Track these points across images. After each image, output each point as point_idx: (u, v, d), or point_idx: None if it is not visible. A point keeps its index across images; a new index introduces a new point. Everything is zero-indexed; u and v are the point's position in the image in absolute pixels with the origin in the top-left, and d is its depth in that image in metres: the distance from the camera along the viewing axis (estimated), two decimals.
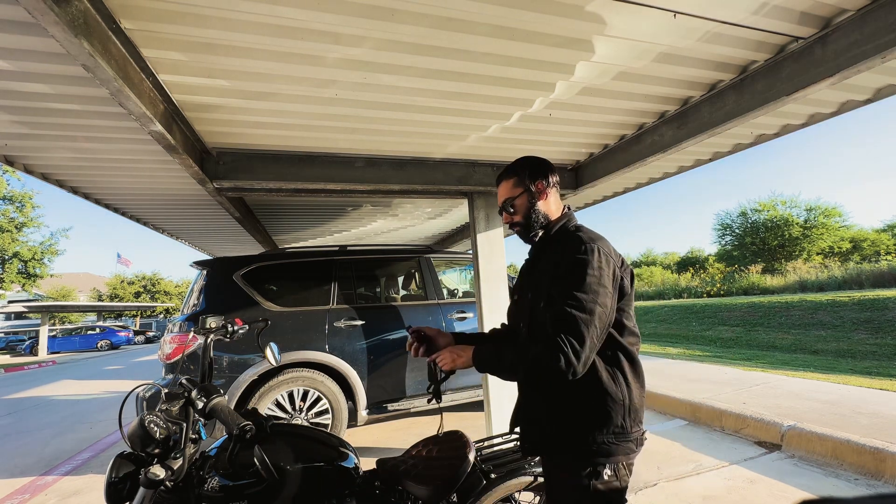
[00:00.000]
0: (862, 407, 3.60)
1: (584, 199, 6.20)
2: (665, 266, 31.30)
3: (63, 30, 1.58)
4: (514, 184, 1.35)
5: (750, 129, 3.74)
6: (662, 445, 3.38)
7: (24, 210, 20.49)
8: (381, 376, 3.73)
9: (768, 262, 22.14)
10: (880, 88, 3.07)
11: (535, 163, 1.37)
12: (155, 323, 36.99)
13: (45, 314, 21.24)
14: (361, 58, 2.38)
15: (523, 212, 1.34)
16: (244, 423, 1.19)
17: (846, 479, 2.66)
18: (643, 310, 15.25)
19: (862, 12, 2.21)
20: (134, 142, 3.25)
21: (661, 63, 2.63)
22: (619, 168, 3.93)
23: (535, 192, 1.32)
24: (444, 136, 3.54)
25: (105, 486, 1.16)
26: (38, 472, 3.87)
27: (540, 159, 1.39)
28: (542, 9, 2.09)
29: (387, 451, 3.54)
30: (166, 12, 1.93)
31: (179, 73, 2.39)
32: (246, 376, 3.29)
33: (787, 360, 7.28)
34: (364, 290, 4.22)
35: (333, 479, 1.36)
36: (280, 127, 3.19)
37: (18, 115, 2.78)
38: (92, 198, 4.62)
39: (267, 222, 6.38)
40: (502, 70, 2.60)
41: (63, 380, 10.64)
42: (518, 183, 1.34)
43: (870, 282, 12.97)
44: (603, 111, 3.29)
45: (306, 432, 1.54)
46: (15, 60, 2.20)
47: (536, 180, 1.33)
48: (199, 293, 3.58)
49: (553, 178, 1.37)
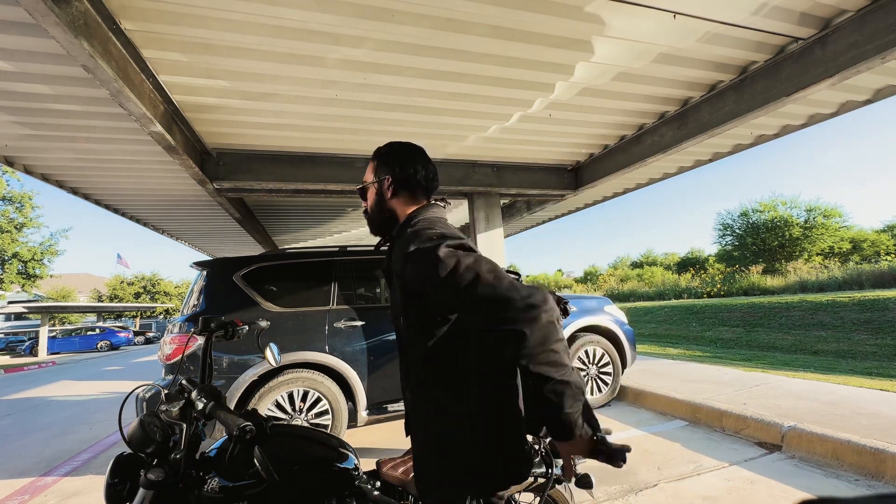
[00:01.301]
0: (862, 407, 3.60)
1: (583, 199, 6.20)
2: (665, 266, 31.30)
3: (63, 31, 1.58)
4: (371, 169, 1.19)
5: (750, 129, 3.74)
6: (662, 446, 3.38)
7: (23, 210, 20.50)
8: (381, 377, 3.73)
9: (769, 262, 22.13)
10: (880, 89, 3.08)
11: (389, 153, 1.18)
12: (155, 324, 36.98)
13: (44, 315, 21.24)
14: (361, 59, 2.38)
15: (370, 201, 1.19)
16: (244, 424, 1.19)
17: (846, 480, 2.66)
18: (643, 310, 15.25)
19: (861, 13, 2.22)
20: (134, 142, 3.25)
21: (660, 64, 2.63)
22: (620, 168, 3.93)
23: (385, 188, 1.16)
24: (444, 136, 3.54)
25: (105, 486, 1.16)
26: (37, 472, 3.87)
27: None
28: (542, 9, 2.10)
29: (387, 451, 3.54)
30: (166, 13, 1.93)
31: (179, 73, 2.39)
32: (246, 377, 3.29)
33: (788, 360, 7.28)
34: (364, 291, 4.22)
35: (333, 479, 1.36)
36: (280, 127, 3.20)
37: (19, 115, 2.78)
38: (92, 198, 4.62)
39: (267, 223, 6.38)
40: (502, 71, 2.60)
41: (63, 380, 10.64)
42: (373, 170, 1.18)
43: (870, 282, 12.98)
44: (603, 112, 3.29)
45: (306, 433, 1.54)
46: (16, 61, 2.20)
47: (385, 174, 1.15)
48: (199, 294, 3.58)
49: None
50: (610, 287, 24.46)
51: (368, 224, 1.22)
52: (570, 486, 1.61)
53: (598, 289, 25.87)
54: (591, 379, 4.51)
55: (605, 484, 2.75)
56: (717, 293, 17.34)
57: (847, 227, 22.77)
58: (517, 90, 2.84)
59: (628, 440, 3.49)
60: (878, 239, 22.37)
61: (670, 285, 20.40)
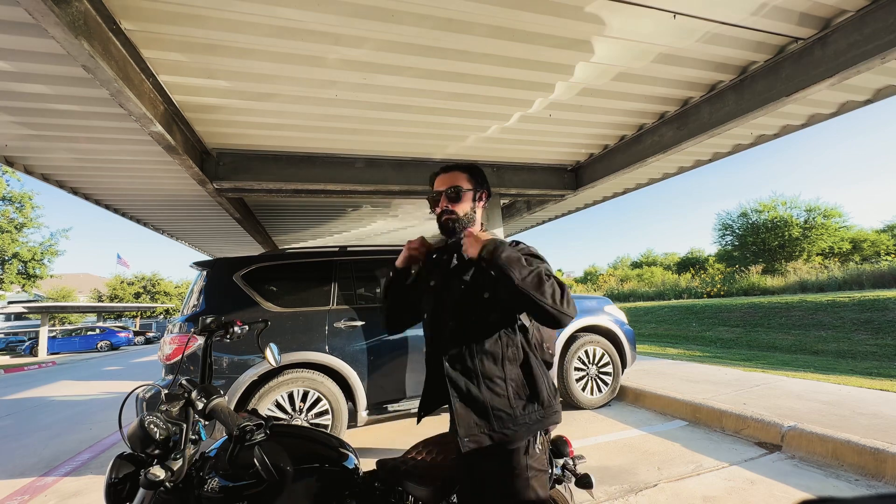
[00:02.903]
0: (862, 407, 3.60)
1: (583, 199, 6.20)
2: (665, 266, 31.30)
3: (64, 31, 1.58)
4: (466, 179, 1.39)
5: (750, 129, 3.74)
6: (662, 446, 3.38)
7: (23, 210, 20.49)
8: (381, 377, 3.73)
9: (768, 262, 22.13)
10: (880, 89, 3.08)
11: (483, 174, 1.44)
12: (155, 324, 36.97)
13: (44, 315, 21.24)
14: (362, 59, 2.38)
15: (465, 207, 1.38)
16: (244, 424, 1.19)
17: (846, 480, 2.66)
18: (643, 310, 15.25)
19: (861, 13, 2.22)
20: (134, 143, 3.25)
21: (660, 64, 2.63)
22: (620, 168, 3.93)
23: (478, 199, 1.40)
24: (444, 136, 3.54)
25: (105, 486, 1.16)
26: (37, 472, 3.87)
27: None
28: (542, 10, 2.10)
29: (387, 451, 3.53)
30: (166, 13, 1.93)
31: (179, 73, 2.39)
32: (246, 377, 3.29)
33: (788, 360, 7.28)
34: (364, 291, 4.22)
35: (333, 479, 1.36)
36: (280, 128, 3.20)
37: (19, 116, 2.78)
38: (92, 198, 4.63)
39: (267, 223, 6.38)
40: (502, 71, 2.60)
41: (63, 381, 10.64)
42: (470, 180, 1.39)
43: (870, 282, 12.98)
44: (603, 112, 3.29)
45: (306, 433, 1.54)
46: (16, 61, 2.20)
47: (483, 189, 1.41)
48: (199, 294, 3.58)
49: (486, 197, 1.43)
50: (610, 287, 24.47)
51: (448, 222, 1.36)
52: (571, 486, 1.61)
53: (598, 289, 25.88)
54: (591, 379, 4.51)
55: (605, 484, 2.75)
56: (717, 293, 17.34)
57: (847, 228, 22.78)
58: (517, 90, 2.84)
59: (628, 440, 3.50)
60: (878, 239, 22.37)
61: (670, 285, 20.40)
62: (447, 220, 1.36)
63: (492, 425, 1.20)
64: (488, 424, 1.20)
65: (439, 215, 1.38)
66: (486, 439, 1.19)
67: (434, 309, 1.39)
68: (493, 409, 1.21)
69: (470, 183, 1.38)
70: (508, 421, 1.20)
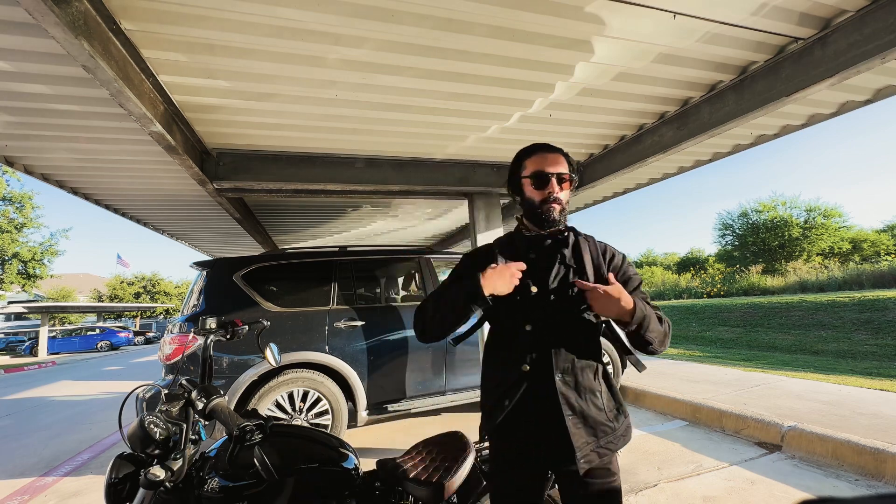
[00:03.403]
0: (862, 407, 3.60)
1: (584, 199, 6.20)
2: (665, 266, 31.30)
3: (63, 31, 1.58)
4: (566, 164, 1.25)
5: (750, 129, 3.74)
6: (662, 446, 3.38)
7: (23, 210, 20.48)
8: (381, 377, 3.73)
9: (768, 262, 22.13)
10: (880, 89, 3.08)
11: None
12: (155, 324, 36.96)
13: (44, 315, 21.23)
14: (362, 59, 2.38)
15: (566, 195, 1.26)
16: (244, 424, 1.19)
17: (846, 480, 2.66)
18: None
19: (861, 13, 2.22)
20: (134, 143, 3.25)
21: (660, 64, 2.63)
22: (620, 168, 3.93)
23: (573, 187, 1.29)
24: (444, 136, 3.54)
25: (105, 486, 1.16)
26: (37, 472, 3.87)
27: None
28: (542, 10, 2.10)
29: (387, 451, 3.53)
30: (166, 13, 1.93)
31: (179, 73, 2.39)
32: (246, 377, 3.29)
33: (788, 360, 7.28)
34: (364, 291, 4.22)
35: (333, 479, 1.36)
36: (280, 128, 3.20)
37: (19, 116, 2.78)
38: (92, 198, 4.63)
39: (267, 223, 6.38)
40: (502, 71, 2.60)
41: (63, 380, 10.64)
42: (571, 168, 1.26)
43: (870, 282, 12.97)
44: (603, 112, 3.29)
45: (306, 433, 1.54)
46: (15, 61, 2.20)
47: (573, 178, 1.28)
48: (199, 294, 3.58)
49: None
50: None
51: (553, 209, 1.21)
52: None
53: None
54: None
55: None
56: (717, 293, 17.33)
57: (847, 228, 22.78)
58: (517, 90, 2.84)
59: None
60: (878, 239, 22.37)
61: (670, 285, 20.39)
62: (554, 207, 1.20)
63: (598, 441, 1.15)
64: (596, 441, 1.15)
65: (544, 199, 1.20)
66: (595, 457, 1.14)
67: (527, 317, 1.20)
68: (599, 425, 1.16)
69: (570, 170, 1.25)
70: (611, 435, 1.17)
